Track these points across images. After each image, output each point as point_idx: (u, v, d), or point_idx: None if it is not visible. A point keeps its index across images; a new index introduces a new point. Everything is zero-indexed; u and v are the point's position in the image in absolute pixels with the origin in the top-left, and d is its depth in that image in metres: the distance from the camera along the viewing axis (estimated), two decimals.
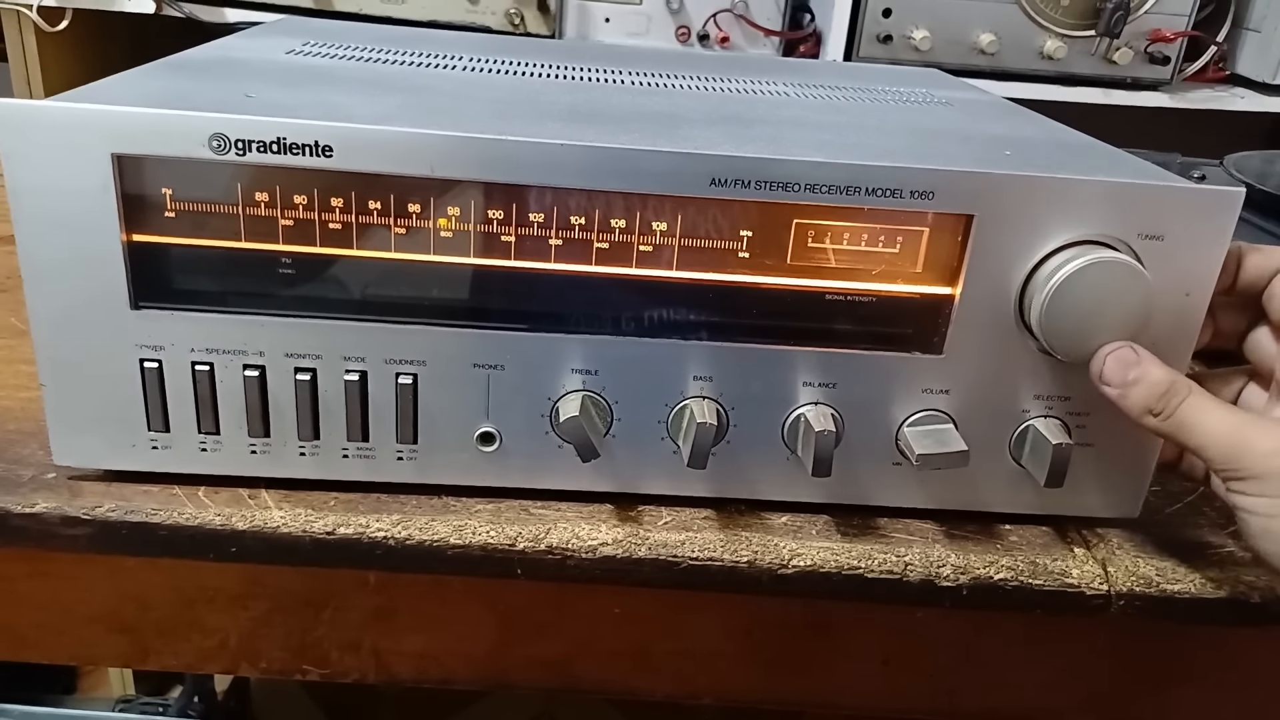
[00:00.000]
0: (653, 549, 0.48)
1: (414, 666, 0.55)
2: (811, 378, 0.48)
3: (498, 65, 0.63)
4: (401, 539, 0.48)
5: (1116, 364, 0.45)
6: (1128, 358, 0.45)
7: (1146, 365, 0.45)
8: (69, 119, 0.41)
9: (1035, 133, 0.58)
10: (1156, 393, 0.44)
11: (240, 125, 0.42)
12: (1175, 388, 0.44)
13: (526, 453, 0.49)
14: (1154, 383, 0.44)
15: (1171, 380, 0.44)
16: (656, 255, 0.46)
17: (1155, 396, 0.44)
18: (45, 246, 0.43)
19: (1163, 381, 0.44)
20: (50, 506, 0.47)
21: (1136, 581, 0.49)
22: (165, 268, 0.45)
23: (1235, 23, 1.21)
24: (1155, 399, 0.44)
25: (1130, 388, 0.45)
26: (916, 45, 1.09)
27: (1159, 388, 0.44)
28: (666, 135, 0.47)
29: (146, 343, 0.45)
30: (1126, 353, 0.45)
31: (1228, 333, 0.50)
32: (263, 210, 0.44)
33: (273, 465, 0.48)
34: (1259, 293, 0.47)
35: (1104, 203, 0.45)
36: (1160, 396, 0.44)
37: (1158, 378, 0.44)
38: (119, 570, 0.52)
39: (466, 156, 0.43)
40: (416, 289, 0.46)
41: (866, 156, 0.45)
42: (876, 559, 0.49)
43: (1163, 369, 0.45)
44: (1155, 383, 0.44)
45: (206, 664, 0.55)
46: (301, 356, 0.46)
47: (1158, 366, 0.45)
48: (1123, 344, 0.45)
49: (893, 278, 0.47)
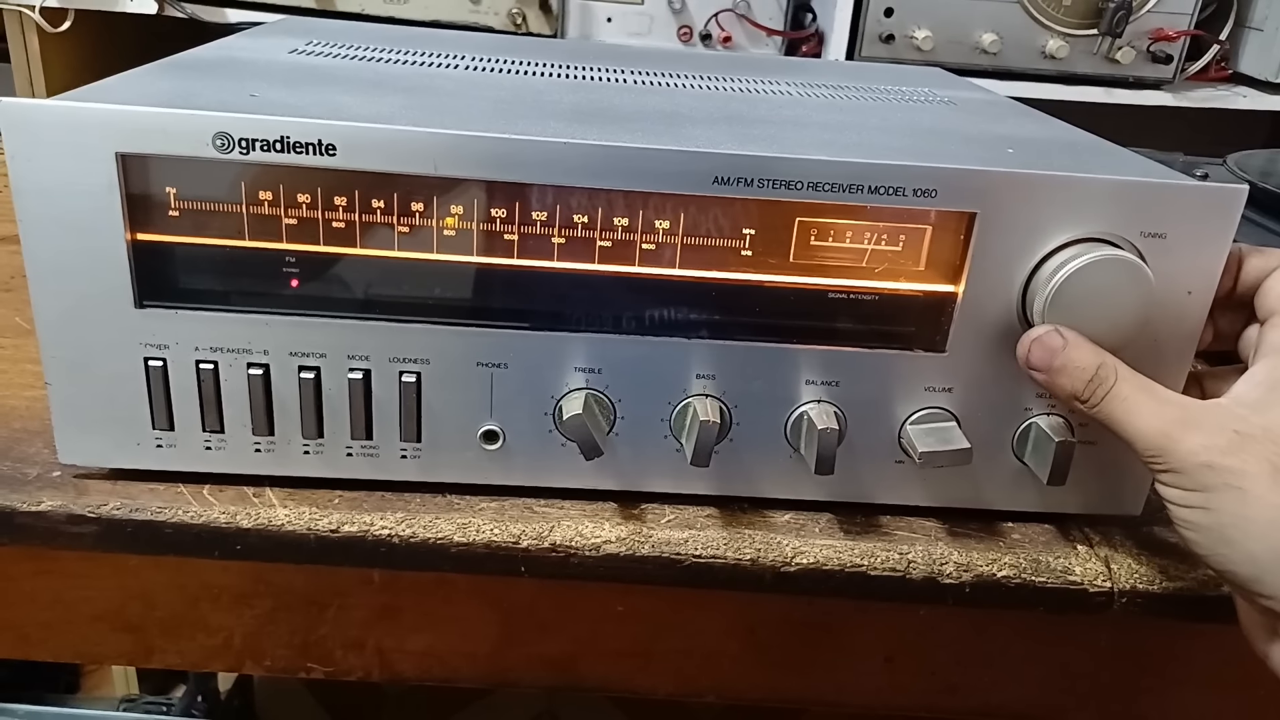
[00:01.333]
0: (656, 547, 0.48)
1: (418, 664, 0.56)
2: (814, 376, 0.48)
3: (500, 65, 0.63)
4: (405, 537, 0.48)
5: (1041, 349, 0.44)
6: (1053, 342, 0.44)
7: (1071, 350, 0.44)
8: (74, 118, 0.42)
9: (1038, 131, 0.58)
10: (1083, 379, 0.43)
11: (244, 124, 0.42)
12: (1102, 373, 0.43)
13: (530, 451, 0.49)
14: (1079, 368, 0.43)
15: (1097, 364, 0.43)
16: (659, 254, 0.46)
17: (1082, 382, 0.43)
18: (50, 246, 0.43)
19: (1088, 367, 0.43)
20: (56, 505, 0.47)
21: (1139, 579, 0.49)
22: (169, 267, 0.45)
23: (1237, 21, 1.21)
24: (1081, 385, 0.43)
25: (1056, 374, 0.44)
26: (919, 45, 1.09)
27: (1084, 373, 0.43)
28: (669, 134, 0.47)
29: (151, 341, 0.46)
30: (1052, 337, 0.44)
31: (1227, 334, 0.49)
32: (266, 209, 0.44)
33: (277, 464, 0.49)
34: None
35: (1107, 201, 0.45)
36: (1086, 383, 0.43)
37: (1083, 362, 0.43)
38: (123, 569, 0.52)
39: (470, 155, 0.43)
40: (420, 287, 0.46)
41: (869, 155, 0.45)
42: (879, 557, 0.49)
43: (1090, 353, 0.44)
44: (1080, 368, 0.43)
45: (211, 662, 0.55)
46: (305, 355, 0.46)
47: (1084, 350, 0.44)
48: (1049, 328, 0.44)
49: (895, 276, 0.47)
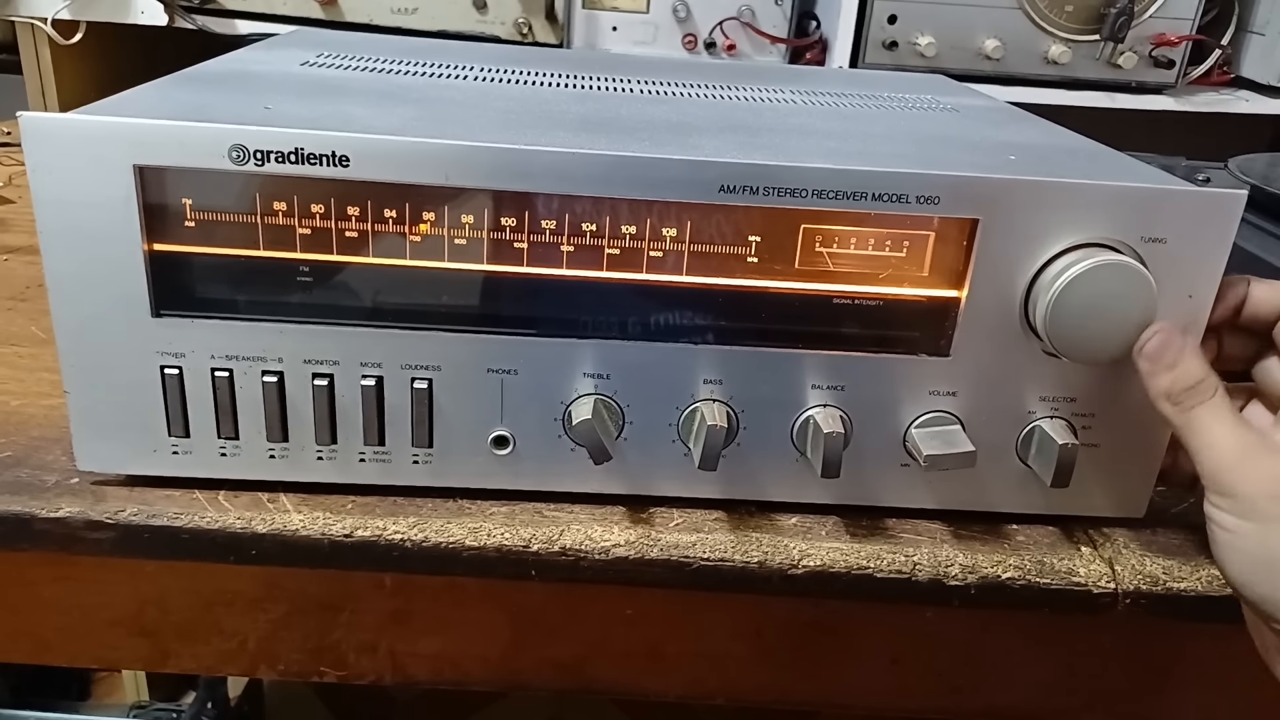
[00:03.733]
0: (664, 550, 0.49)
1: (430, 668, 0.56)
2: (820, 380, 0.49)
3: (508, 75, 0.64)
4: (418, 541, 0.48)
5: (1159, 344, 0.46)
6: (1173, 342, 0.45)
7: (1188, 355, 0.45)
8: (92, 132, 0.42)
9: (1039, 138, 0.59)
10: (1184, 384, 0.45)
11: (259, 136, 0.43)
12: (1203, 386, 0.45)
13: (540, 456, 0.50)
14: (1186, 373, 0.45)
15: (1202, 378, 0.45)
16: (666, 261, 0.47)
17: (1181, 387, 0.45)
18: (69, 256, 0.44)
19: (1194, 375, 0.45)
20: (74, 511, 0.47)
21: (1143, 580, 0.50)
22: (186, 276, 0.46)
23: (1239, 26, 1.21)
24: (1180, 389, 0.45)
25: (1164, 369, 0.45)
26: (922, 51, 1.09)
27: (1188, 380, 0.45)
28: (676, 143, 0.48)
29: (167, 350, 0.46)
30: (1174, 337, 0.46)
31: (1233, 357, 0.51)
32: (281, 219, 0.45)
33: (291, 469, 0.49)
34: (1267, 325, 0.48)
35: (1107, 206, 0.45)
36: (1186, 389, 0.45)
37: (1191, 370, 0.45)
38: (139, 574, 0.53)
39: (480, 165, 0.44)
40: (431, 295, 0.47)
41: (872, 162, 0.46)
42: (885, 559, 0.49)
43: (1200, 365, 0.45)
44: (1187, 374, 0.45)
45: (225, 666, 0.56)
46: (319, 363, 0.47)
47: (1196, 360, 0.45)
48: (1173, 328, 0.46)
49: (899, 281, 0.48)
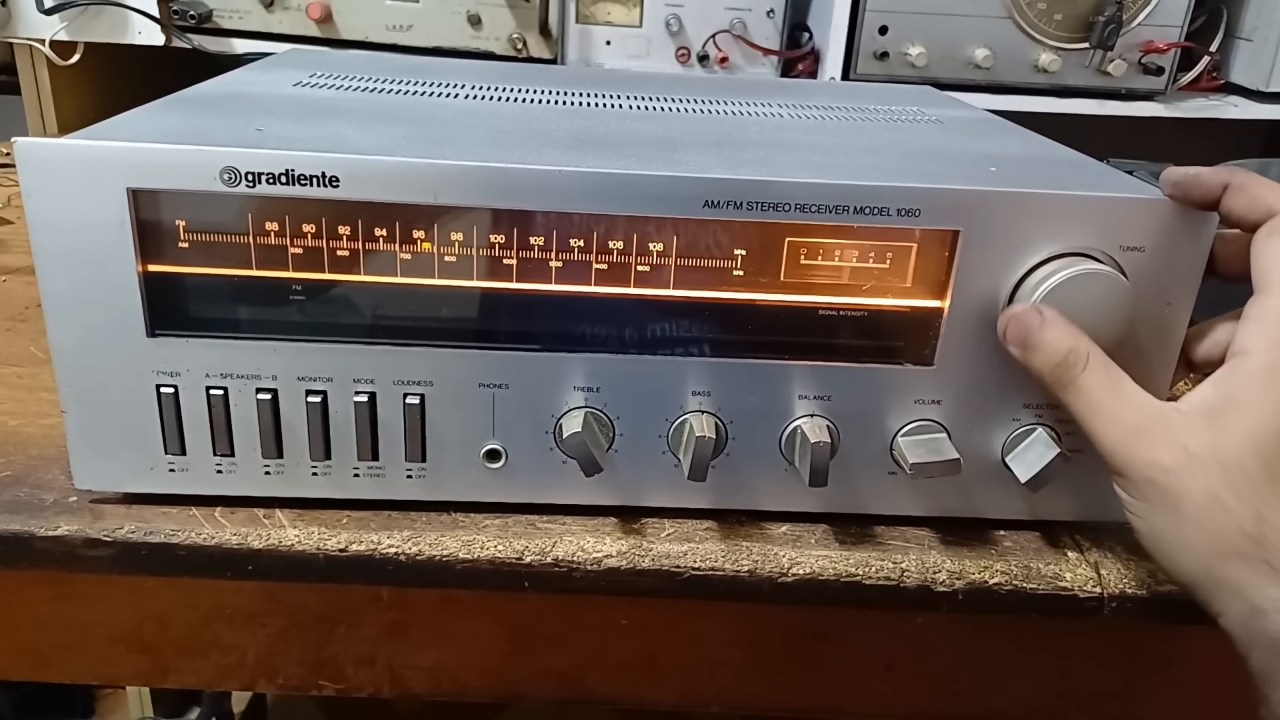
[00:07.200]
0: (656, 560, 0.50)
1: (427, 680, 0.57)
2: (807, 391, 0.49)
3: (499, 93, 0.65)
4: (412, 555, 0.49)
5: (1017, 324, 0.45)
6: (1030, 320, 0.45)
7: (1046, 329, 0.44)
8: (86, 156, 0.43)
9: (1020, 149, 0.60)
10: (1052, 360, 0.44)
11: (250, 158, 0.43)
12: (1071, 358, 0.43)
13: (532, 469, 0.50)
14: (1052, 349, 0.44)
15: (1069, 348, 0.43)
16: (654, 275, 0.47)
17: (1053, 364, 0.44)
18: (65, 278, 0.45)
19: (1060, 349, 0.44)
20: (73, 529, 0.48)
21: (1128, 583, 0.50)
22: (180, 296, 0.46)
23: (1228, 32, 1.22)
24: (1050, 366, 0.44)
25: (1030, 350, 0.44)
26: (913, 61, 1.10)
27: (1055, 355, 0.44)
28: (662, 159, 0.49)
29: (163, 369, 0.47)
30: (1030, 314, 0.45)
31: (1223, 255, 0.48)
32: (273, 239, 0.46)
33: (286, 485, 0.50)
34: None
35: (1086, 216, 0.46)
36: (1054, 365, 0.44)
37: (1055, 344, 0.44)
38: (138, 591, 0.53)
39: (469, 184, 0.45)
40: (423, 312, 0.48)
41: (854, 176, 0.46)
42: (874, 566, 0.50)
43: (1064, 335, 0.44)
44: (1053, 349, 0.44)
45: (225, 681, 0.57)
46: (312, 380, 0.48)
47: (1059, 331, 0.44)
48: (1029, 305, 0.45)
49: (883, 292, 0.48)
